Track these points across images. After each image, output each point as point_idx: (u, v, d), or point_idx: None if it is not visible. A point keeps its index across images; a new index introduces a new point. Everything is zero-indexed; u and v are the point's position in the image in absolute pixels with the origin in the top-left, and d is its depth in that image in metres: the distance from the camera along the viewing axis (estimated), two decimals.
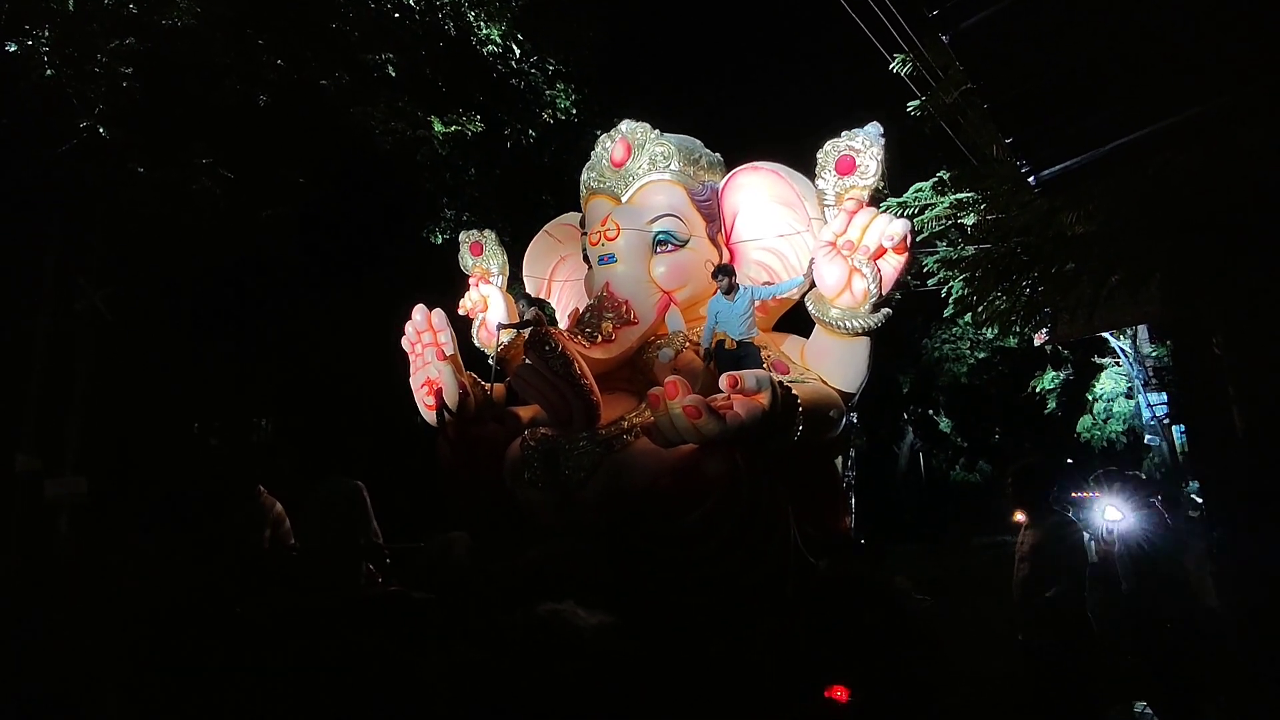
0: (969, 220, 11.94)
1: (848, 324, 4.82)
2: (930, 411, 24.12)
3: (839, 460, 5.66)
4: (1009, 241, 10.97)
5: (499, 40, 10.24)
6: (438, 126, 10.37)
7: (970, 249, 12.27)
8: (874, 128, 4.92)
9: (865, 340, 4.94)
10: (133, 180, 9.02)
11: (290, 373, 11.31)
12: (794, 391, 4.42)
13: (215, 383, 11.06)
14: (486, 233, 6.26)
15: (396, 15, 9.90)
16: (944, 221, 12.07)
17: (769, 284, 5.36)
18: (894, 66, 10.98)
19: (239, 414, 11.36)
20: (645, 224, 5.33)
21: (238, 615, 4.07)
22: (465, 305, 6.12)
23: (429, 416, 5.33)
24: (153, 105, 9.04)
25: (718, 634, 4.30)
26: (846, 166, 4.89)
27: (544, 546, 4.66)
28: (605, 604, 4.35)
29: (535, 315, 5.58)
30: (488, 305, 6.04)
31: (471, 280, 6.18)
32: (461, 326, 6.18)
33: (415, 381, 5.43)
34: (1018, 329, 12.66)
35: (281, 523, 5.31)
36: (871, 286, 4.69)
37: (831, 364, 5.08)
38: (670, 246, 5.35)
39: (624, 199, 5.51)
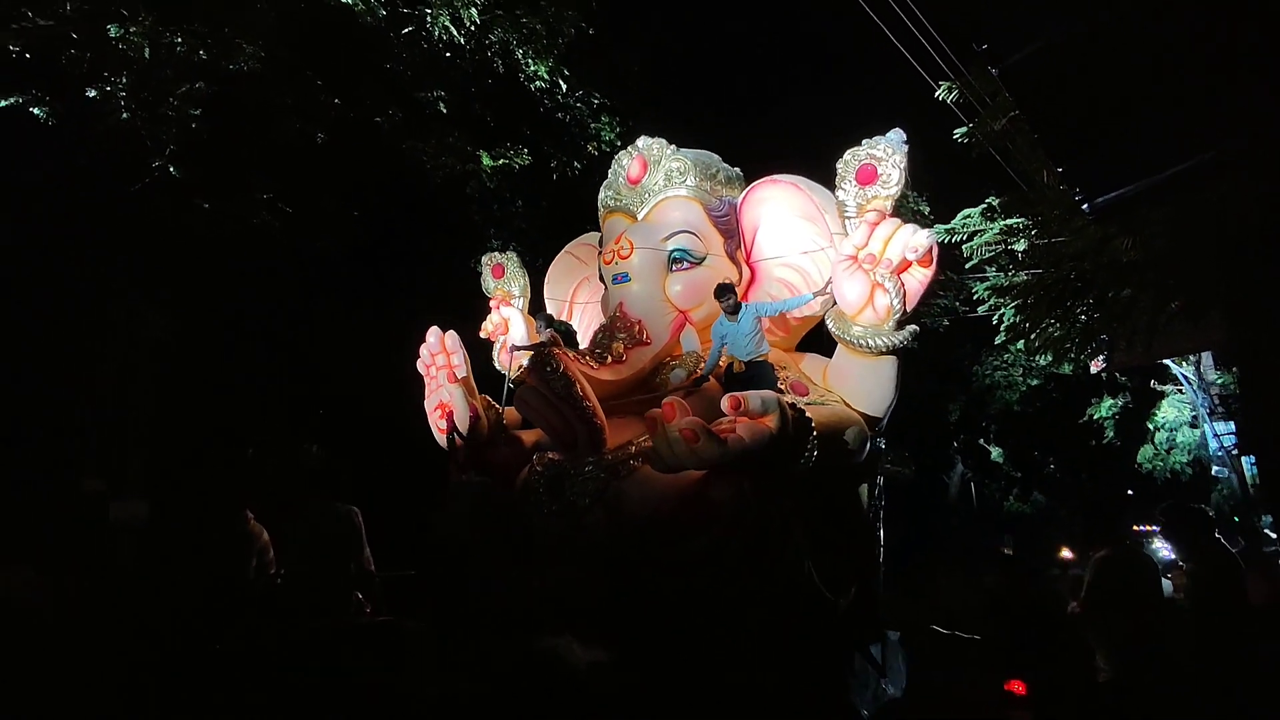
0: (1020, 246, 11.28)
1: (871, 342, 4.31)
2: (981, 440, 22.79)
3: (865, 488, 5.09)
4: (1062, 268, 10.31)
5: (546, 76, 10.05)
6: (486, 160, 10.20)
7: (1022, 275, 11.59)
8: (896, 134, 4.42)
9: (891, 359, 4.41)
10: (197, 215, 9.03)
11: (341, 399, 11.21)
12: (808, 414, 3.93)
13: (270, 408, 11.01)
14: (509, 255, 5.95)
15: (448, 54, 9.79)
16: (994, 248, 11.44)
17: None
18: (940, 94, 10.47)
19: (291, 439, 11.27)
20: (660, 241, 4.92)
21: (219, 648, 3.73)
22: (486, 328, 5.79)
23: (441, 440, 4.97)
24: (217, 144, 9.06)
25: (726, 666, 3.84)
26: (868, 176, 4.39)
27: (546, 574, 4.24)
28: (605, 637, 3.93)
29: (551, 337, 5.21)
30: (509, 328, 5.69)
31: (493, 303, 5.86)
32: (486, 349, 5.87)
33: (429, 404, 5.08)
34: (1072, 356, 11.87)
35: (266, 550, 4.97)
36: (895, 302, 4.18)
37: (855, 385, 4.57)
38: (686, 264, 4.91)
39: (640, 216, 5.12)
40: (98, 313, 9.12)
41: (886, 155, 4.36)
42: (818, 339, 5.02)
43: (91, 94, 8.34)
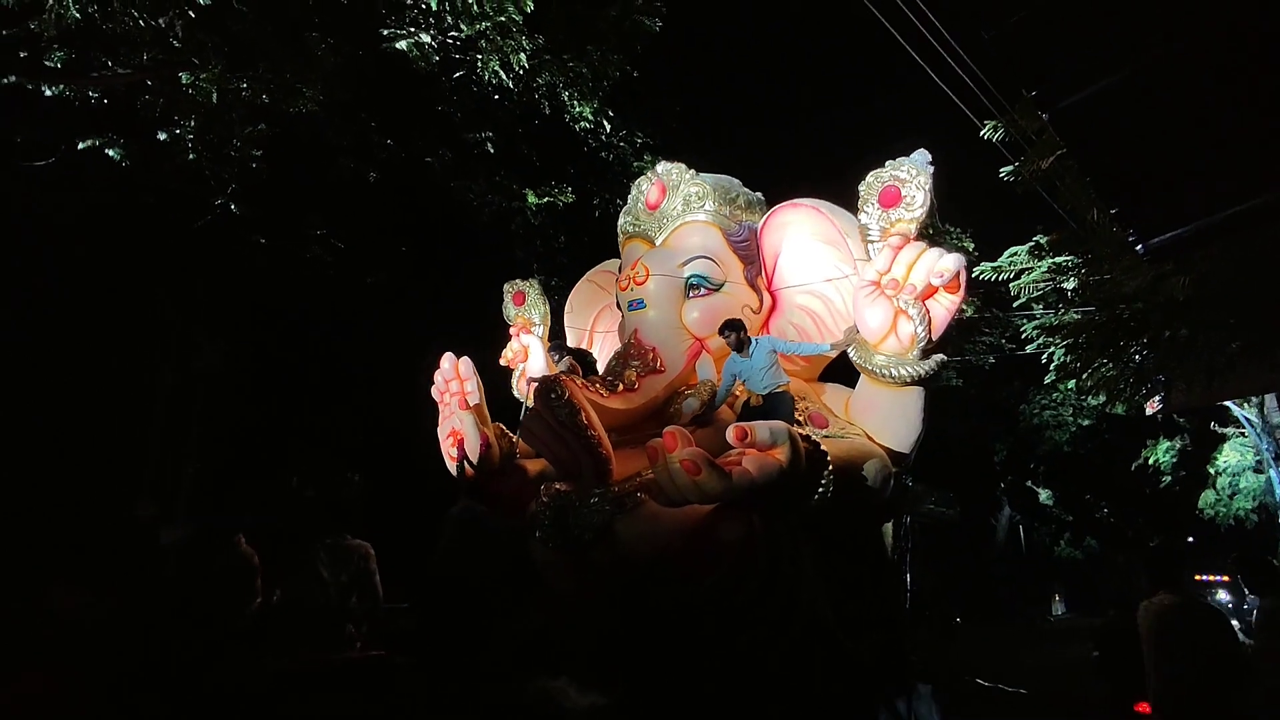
0: (1069, 284, 10.72)
1: (894, 372, 3.90)
2: (1029, 482, 21.39)
3: (890, 528, 4.62)
4: (1114, 306, 9.73)
5: (591, 117, 9.94)
6: (531, 198, 10.16)
7: (1073, 314, 11.01)
8: (920, 155, 4.04)
9: (916, 391, 4.00)
10: (254, 250, 9.09)
11: (387, 428, 11.09)
12: (824, 447, 3.53)
13: (316, 437, 10.94)
14: (530, 282, 5.69)
15: (497, 97, 9.78)
16: (1042, 285, 10.88)
17: (792, 340, 4.54)
18: (985, 133, 10.04)
19: (334, 467, 11.17)
20: (676, 267, 4.59)
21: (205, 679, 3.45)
22: (506, 356, 5.51)
23: (452, 468, 4.68)
24: (276, 182, 9.15)
25: (734, 716, 3.42)
26: (891, 198, 4.01)
27: (545, 611, 3.89)
28: (605, 680, 3.55)
29: (571, 366, 4.92)
30: (528, 355, 5.41)
31: (513, 330, 5.59)
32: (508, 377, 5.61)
33: (441, 432, 4.80)
34: (1126, 396, 11.18)
35: (254, 577, 4.69)
36: (919, 330, 3.79)
37: (878, 418, 4.15)
38: (703, 290, 4.58)
39: (657, 242, 4.82)
40: (156, 342, 9.20)
41: (910, 177, 3.99)
42: (841, 369, 4.60)
43: (162, 136, 8.49)
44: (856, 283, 4.17)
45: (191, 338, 9.28)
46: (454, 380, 4.71)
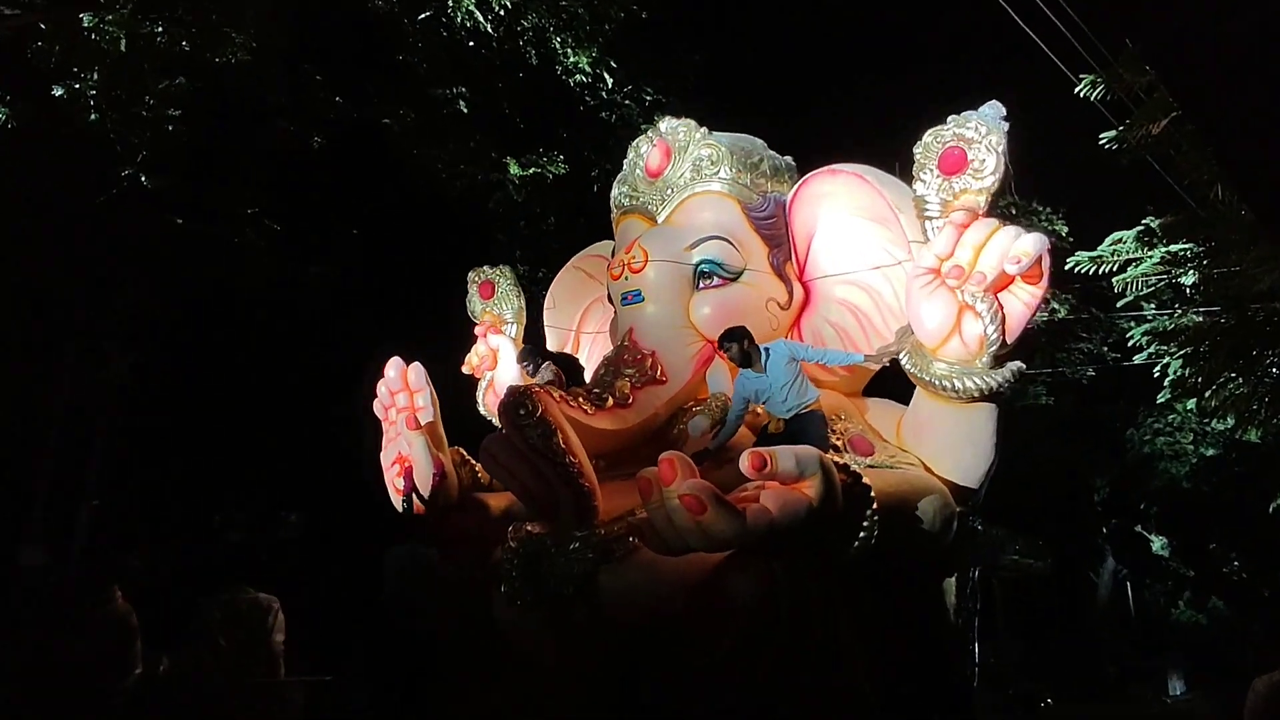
0: (1188, 279, 10.67)
1: (958, 384, 3.80)
2: (1138, 527, 21.16)
3: (953, 582, 4.52)
4: (1245, 307, 9.68)
5: (588, 68, 9.97)
6: (514, 169, 10.18)
7: (1192, 316, 10.94)
8: (992, 109, 3.93)
9: (986, 408, 3.90)
10: (170, 233, 9.11)
11: (334, 454, 11.06)
12: (866, 480, 3.42)
13: (243, 472, 10.91)
14: (500, 269, 5.65)
15: (471, 44, 9.78)
16: (1154, 280, 10.82)
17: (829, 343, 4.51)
18: (1082, 90, 9.99)
19: (264, 505, 11.15)
20: (682, 250, 4.52)
21: None
22: (471, 362, 5.47)
23: (398, 502, 4.59)
24: (197, 149, 9.17)
25: None
26: (955, 163, 3.91)
27: (512, 685, 3.81)
28: None
29: (554, 375, 4.83)
30: (497, 361, 5.34)
31: (479, 330, 5.54)
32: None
33: (385, 458, 4.71)
34: (1261, 419, 11.11)
35: (134, 640, 4.59)
36: (990, 330, 3.69)
37: (938, 442, 4.08)
38: (716, 280, 4.52)
39: (660, 218, 4.77)
40: (50, 350, 9.22)
41: (979, 136, 3.88)
42: (893, 380, 4.50)
43: (58, 92, 8.51)
44: (911, 270, 4.06)
45: (93, 343, 9.31)
46: (401, 392, 4.63)
